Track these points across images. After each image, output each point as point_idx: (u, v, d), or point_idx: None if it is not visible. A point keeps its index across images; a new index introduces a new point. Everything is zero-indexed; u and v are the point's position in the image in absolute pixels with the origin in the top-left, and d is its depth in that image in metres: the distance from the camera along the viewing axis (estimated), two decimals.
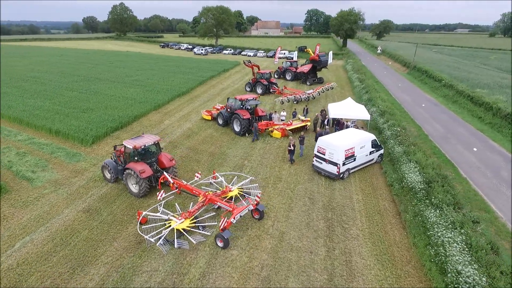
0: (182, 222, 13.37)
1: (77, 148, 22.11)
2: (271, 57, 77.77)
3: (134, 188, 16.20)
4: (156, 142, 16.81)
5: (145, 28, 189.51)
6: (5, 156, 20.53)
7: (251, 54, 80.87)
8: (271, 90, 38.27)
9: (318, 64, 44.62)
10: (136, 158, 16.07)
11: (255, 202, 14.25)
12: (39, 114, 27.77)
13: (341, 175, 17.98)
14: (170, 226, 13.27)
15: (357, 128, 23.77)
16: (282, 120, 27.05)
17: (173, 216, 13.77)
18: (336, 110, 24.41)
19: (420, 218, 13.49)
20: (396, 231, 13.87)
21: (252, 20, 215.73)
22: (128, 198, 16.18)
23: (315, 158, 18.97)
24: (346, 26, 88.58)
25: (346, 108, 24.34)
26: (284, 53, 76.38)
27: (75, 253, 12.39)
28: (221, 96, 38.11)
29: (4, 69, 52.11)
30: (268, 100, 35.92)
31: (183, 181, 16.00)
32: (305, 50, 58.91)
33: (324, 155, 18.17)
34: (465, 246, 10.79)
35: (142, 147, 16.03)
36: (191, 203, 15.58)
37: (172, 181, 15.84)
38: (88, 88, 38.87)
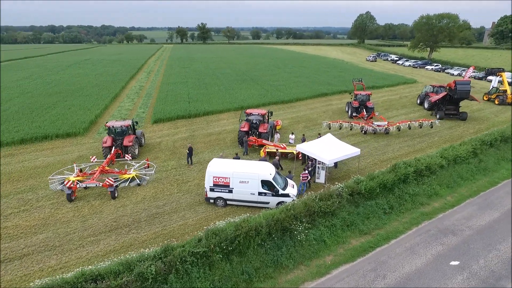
0: (76, 177, 20.02)
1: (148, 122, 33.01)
2: (481, 78, 60.09)
3: None
4: (125, 125, 23.84)
5: (394, 36, 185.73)
6: (112, 119, 34.16)
7: (455, 73, 65.52)
8: (353, 114, 33.86)
9: (452, 93, 33.15)
10: (107, 133, 23.93)
11: (107, 184, 18.52)
12: (169, 98, 41.03)
13: (212, 200, 17.88)
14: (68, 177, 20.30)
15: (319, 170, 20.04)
16: (290, 143, 26.09)
17: (76, 173, 20.59)
18: (309, 145, 21.25)
19: None
20: None
21: None
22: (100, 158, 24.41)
23: None
24: None
25: (319, 145, 20.57)
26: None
27: (33, 173, 21.81)
28: (312, 111, 38.13)
29: (216, 64, 73.21)
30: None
31: (108, 155, 22.31)
32: (497, 74, 43.79)
33: None
34: None
35: (111, 126, 23.64)
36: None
37: (110, 155, 22.49)
38: (231, 85, 49.73)
